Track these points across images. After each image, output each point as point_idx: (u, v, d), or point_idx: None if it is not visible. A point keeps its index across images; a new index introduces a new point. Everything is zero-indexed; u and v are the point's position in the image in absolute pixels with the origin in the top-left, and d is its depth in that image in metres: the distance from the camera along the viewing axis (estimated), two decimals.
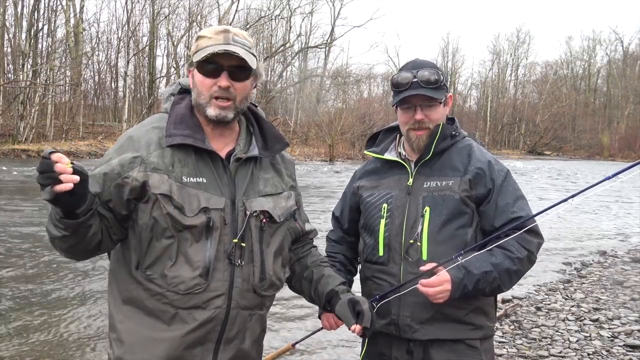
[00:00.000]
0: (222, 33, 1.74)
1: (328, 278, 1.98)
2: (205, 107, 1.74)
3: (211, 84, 1.73)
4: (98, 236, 1.66)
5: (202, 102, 1.74)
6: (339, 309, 1.90)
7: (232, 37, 1.73)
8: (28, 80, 29.01)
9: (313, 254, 2.07)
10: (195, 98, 1.77)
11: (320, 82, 49.59)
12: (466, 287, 1.98)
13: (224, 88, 1.72)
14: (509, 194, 2.10)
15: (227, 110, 1.75)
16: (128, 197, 1.68)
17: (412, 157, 2.21)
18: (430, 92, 2.09)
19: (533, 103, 65.77)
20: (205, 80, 1.73)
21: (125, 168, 1.67)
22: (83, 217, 1.55)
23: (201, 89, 1.74)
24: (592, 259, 9.18)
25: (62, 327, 5.16)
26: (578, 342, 5.06)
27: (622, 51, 69.11)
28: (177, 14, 40.48)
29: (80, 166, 1.47)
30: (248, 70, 1.75)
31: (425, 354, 2.09)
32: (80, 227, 1.57)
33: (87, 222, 1.58)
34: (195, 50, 1.75)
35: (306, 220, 2.08)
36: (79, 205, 1.53)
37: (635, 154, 52.65)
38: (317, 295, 1.99)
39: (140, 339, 1.71)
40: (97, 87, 39.60)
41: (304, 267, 2.03)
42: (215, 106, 1.73)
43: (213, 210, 1.69)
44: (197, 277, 1.68)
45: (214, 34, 1.74)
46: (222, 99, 1.73)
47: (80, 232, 1.59)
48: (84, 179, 1.48)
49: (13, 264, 7.13)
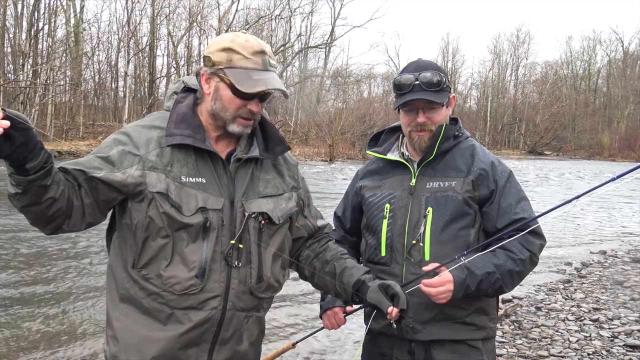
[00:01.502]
0: (260, 55, 1.71)
1: (352, 269, 1.92)
2: (229, 124, 1.74)
3: (241, 104, 1.72)
4: (59, 205, 1.59)
5: (226, 117, 1.73)
6: (371, 295, 1.83)
7: (269, 62, 1.73)
8: (28, 80, 28.99)
9: (331, 247, 2.02)
10: (217, 110, 1.74)
11: (320, 82, 49.58)
12: (469, 288, 1.98)
13: (254, 112, 1.74)
14: (511, 195, 2.10)
15: (249, 128, 1.78)
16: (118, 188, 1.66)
17: (414, 157, 2.21)
18: (432, 96, 2.09)
19: (533, 103, 65.70)
20: (235, 99, 1.72)
21: (124, 164, 1.67)
22: (34, 175, 1.48)
23: (228, 105, 1.73)
24: (592, 259, 9.18)
25: (60, 324, 5.18)
26: (578, 342, 5.07)
27: (622, 51, 69.15)
28: (178, 14, 40.52)
29: (16, 114, 1.39)
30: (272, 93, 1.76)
31: (427, 355, 2.10)
32: (31, 185, 1.50)
33: (39, 181, 1.50)
34: (228, 64, 1.70)
35: (319, 216, 2.06)
36: (26, 159, 1.46)
37: (635, 154, 52.69)
38: (343, 288, 1.92)
39: (136, 337, 1.72)
40: (97, 87, 39.55)
41: (324, 262, 1.98)
42: (240, 124, 1.74)
43: (211, 210, 1.69)
44: (193, 277, 1.67)
45: (251, 55, 1.70)
46: (248, 119, 1.75)
47: (33, 192, 1.52)
48: (21, 127, 1.40)
49: (13, 263, 7.13)
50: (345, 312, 2.30)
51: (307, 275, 2.02)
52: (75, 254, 7.61)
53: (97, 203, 1.68)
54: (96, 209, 1.69)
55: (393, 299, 1.80)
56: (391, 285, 1.83)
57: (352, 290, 1.89)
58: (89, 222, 1.71)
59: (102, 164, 1.67)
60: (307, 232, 1.99)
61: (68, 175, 1.63)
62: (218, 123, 1.76)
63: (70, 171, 1.64)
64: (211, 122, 1.77)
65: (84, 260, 7.24)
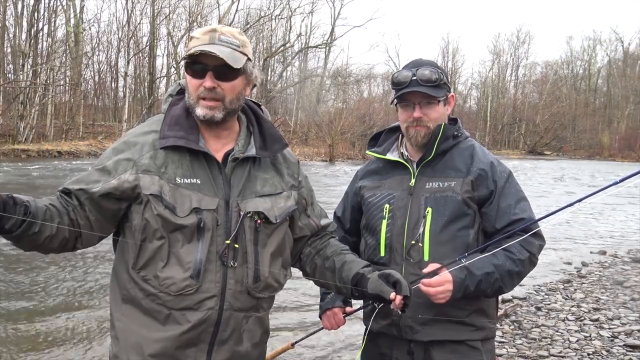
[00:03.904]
0: (209, 33, 1.74)
1: (351, 263, 1.89)
2: (194, 108, 1.74)
3: (198, 84, 1.73)
4: (61, 236, 1.64)
5: (192, 102, 1.75)
6: (372, 286, 1.78)
7: (218, 37, 1.73)
8: (28, 80, 28.97)
9: (332, 244, 1.99)
10: (187, 99, 1.78)
11: (320, 82, 49.56)
12: (468, 288, 1.98)
13: (208, 88, 1.72)
14: (511, 195, 2.10)
15: (215, 110, 1.74)
16: (118, 197, 1.70)
17: (414, 157, 2.21)
18: (429, 90, 2.09)
19: (533, 103, 65.69)
20: (192, 80, 1.74)
21: (119, 171, 1.69)
22: (17, 231, 1.52)
23: (190, 89, 1.75)
24: (592, 259, 9.18)
25: (67, 324, 5.17)
26: (578, 342, 5.07)
27: (622, 51, 69.11)
28: (178, 14, 40.52)
29: None
30: (235, 69, 1.73)
31: (426, 355, 2.09)
32: (20, 239, 1.55)
33: (25, 232, 1.54)
34: (186, 51, 1.75)
35: (323, 215, 2.05)
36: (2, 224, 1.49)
37: (635, 154, 52.67)
38: (343, 282, 1.88)
39: (135, 337, 1.72)
40: (97, 87, 39.60)
41: (324, 258, 1.95)
42: (203, 106, 1.73)
43: (205, 211, 1.69)
44: (188, 278, 1.68)
45: (202, 34, 1.74)
46: (209, 99, 1.73)
47: (27, 241, 1.58)
48: None
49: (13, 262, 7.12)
50: (344, 312, 2.30)
51: (309, 272, 2.01)
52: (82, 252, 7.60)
53: (103, 218, 1.73)
54: (103, 223, 1.74)
55: (395, 286, 1.75)
56: (392, 274, 1.78)
57: (351, 284, 1.85)
58: (101, 236, 1.75)
59: (100, 176, 1.71)
60: (310, 231, 1.98)
61: (70, 197, 1.70)
62: (194, 114, 1.76)
63: (73, 192, 1.70)
64: (197, 119, 1.78)
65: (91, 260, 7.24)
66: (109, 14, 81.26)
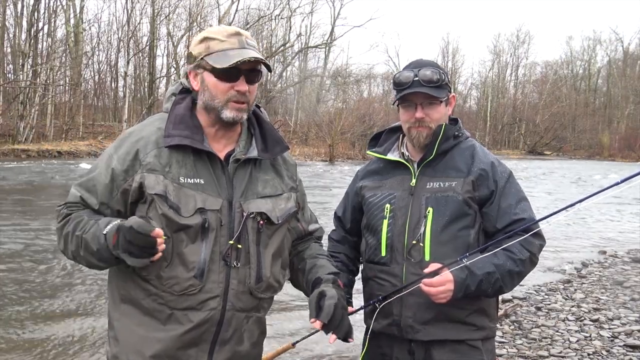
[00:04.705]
0: (235, 36, 1.73)
1: (319, 268, 1.91)
2: (221, 110, 1.73)
3: (228, 88, 1.72)
4: None
5: (217, 105, 1.73)
6: (309, 299, 1.82)
7: (246, 41, 1.73)
8: (28, 80, 28.99)
9: (312, 247, 2.03)
10: (207, 101, 1.75)
11: (320, 82, 49.58)
12: (469, 288, 1.98)
13: (243, 92, 1.73)
14: (511, 195, 2.10)
15: (243, 112, 1.76)
16: (131, 201, 1.71)
17: (415, 157, 2.21)
18: (430, 91, 2.09)
19: (533, 103, 65.71)
20: (220, 84, 1.72)
21: (129, 173, 1.69)
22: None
23: (215, 92, 1.73)
24: (592, 259, 9.18)
25: (63, 325, 5.17)
26: (578, 342, 5.07)
27: (622, 51, 69.17)
28: (177, 14, 40.54)
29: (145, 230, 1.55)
30: (260, 72, 1.76)
31: (426, 355, 2.09)
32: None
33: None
34: (206, 52, 1.73)
35: (313, 221, 2.07)
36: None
37: (635, 154, 52.71)
38: (306, 285, 1.92)
39: (135, 337, 1.72)
40: (97, 87, 39.62)
41: (300, 259, 1.99)
42: (233, 109, 1.73)
43: (209, 211, 1.69)
44: (192, 278, 1.68)
45: (227, 37, 1.73)
46: (240, 102, 1.74)
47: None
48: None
49: (13, 262, 7.12)
50: None
51: None
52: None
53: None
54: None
55: (319, 310, 1.76)
56: (326, 297, 1.77)
57: (310, 288, 1.88)
58: None
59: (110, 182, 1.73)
60: (297, 234, 2.00)
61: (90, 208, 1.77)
62: (212, 116, 1.76)
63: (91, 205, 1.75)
64: (207, 118, 1.78)
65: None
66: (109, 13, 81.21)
